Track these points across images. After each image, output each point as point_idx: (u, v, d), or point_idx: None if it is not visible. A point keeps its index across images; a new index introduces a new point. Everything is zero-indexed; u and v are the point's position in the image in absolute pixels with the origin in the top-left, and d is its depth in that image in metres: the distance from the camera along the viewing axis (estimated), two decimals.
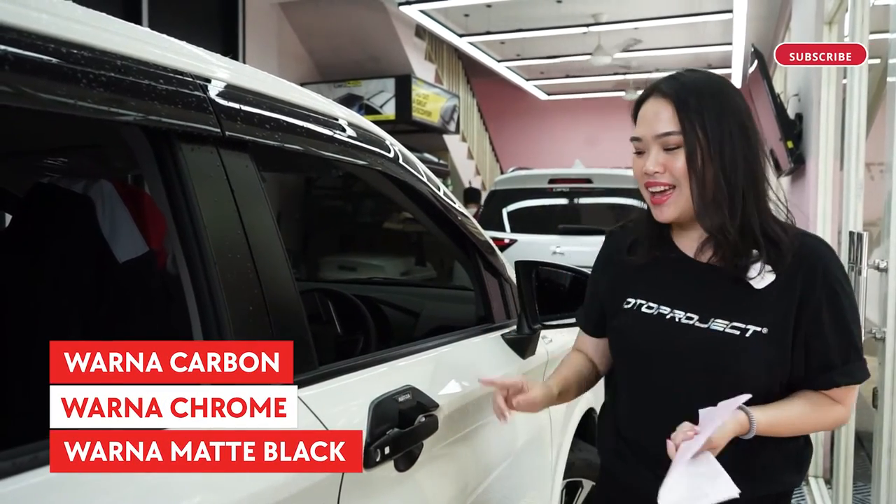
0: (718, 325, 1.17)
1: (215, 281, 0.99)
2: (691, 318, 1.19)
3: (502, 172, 10.61)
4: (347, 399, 1.18)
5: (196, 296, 0.99)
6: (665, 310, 1.22)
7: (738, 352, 1.15)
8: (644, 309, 1.24)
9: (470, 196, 8.28)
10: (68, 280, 1.34)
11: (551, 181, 5.71)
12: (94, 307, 1.34)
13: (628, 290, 1.29)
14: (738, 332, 1.15)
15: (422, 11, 8.40)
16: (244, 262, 1.04)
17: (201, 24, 7.10)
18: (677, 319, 1.20)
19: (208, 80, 1.06)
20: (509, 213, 5.73)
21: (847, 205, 2.69)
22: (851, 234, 2.21)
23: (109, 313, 1.35)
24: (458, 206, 1.77)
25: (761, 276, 1.16)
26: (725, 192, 1.15)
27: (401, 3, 7.99)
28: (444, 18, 8.95)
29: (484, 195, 7.51)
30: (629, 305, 1.27)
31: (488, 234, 1.93)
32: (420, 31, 9.41)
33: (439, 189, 1.68)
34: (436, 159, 9.08)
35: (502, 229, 5.57)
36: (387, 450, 1.16)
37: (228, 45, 7.09)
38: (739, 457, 1.16)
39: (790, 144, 3.86)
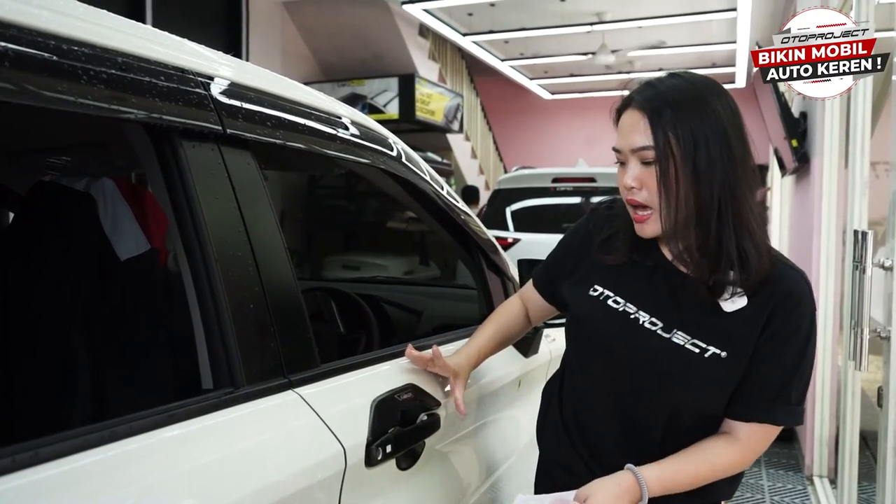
0: (680, 338, 1.15)
1: (216, 279, 0.98)
2: (655, 324, 1.17)
3: (506, 172, 10.62)
4: (349, 397, 1.18)
5: (197, 294, 0.99)
6: (631, 308, 1.20)
7: (694, 369, 1.13)
8: (610, 302, 1.22)
9: (468, 195, 8.07)
10: (70, 278, 1.34)
11: (555, 180, 5.70)
12: (95, 305, 1.34)
13: (598, 277, 1.26)
14: (697, 350, 1.13)
15: (425, 10, 8.38)
16: (246, 259, 1.04)
17: (205, 24, 7.10)
18: (641, 322, 1.18)
19: (210, 78, 1.06)
20: (513, 213, 5.73)
21: (852, 203, 2.68)
22: (856, 232, 2.19)
23: (111, 311, 1.35)
24: (461, 204, 1.77)
25: (733, 300, 1.13)
26: (696, 210, 1.10)
27: (404, 2, 7.97)
28: (448, 17, 8.93)
29: (486, 195, 7.45)
30: (595, 293, 1.24)
31: (492, 234, 1.92)
32: (423, 31, 9.39)
33: (442, 188, 1.68)
34: (439, 158, 9.07)
35: (506, 228, 5.57)
36: (388, 448, 1.16)
37: (232, 45, 7.09)
38: None
39: (795, 143, 3.84)
